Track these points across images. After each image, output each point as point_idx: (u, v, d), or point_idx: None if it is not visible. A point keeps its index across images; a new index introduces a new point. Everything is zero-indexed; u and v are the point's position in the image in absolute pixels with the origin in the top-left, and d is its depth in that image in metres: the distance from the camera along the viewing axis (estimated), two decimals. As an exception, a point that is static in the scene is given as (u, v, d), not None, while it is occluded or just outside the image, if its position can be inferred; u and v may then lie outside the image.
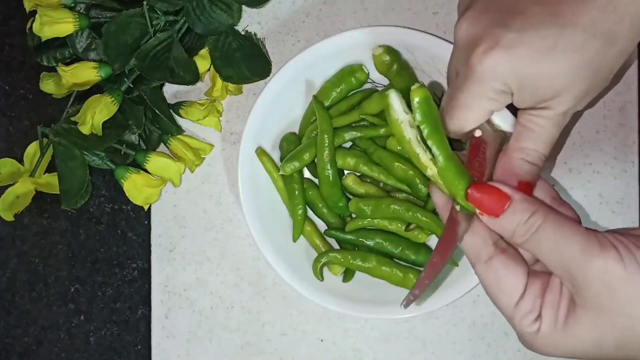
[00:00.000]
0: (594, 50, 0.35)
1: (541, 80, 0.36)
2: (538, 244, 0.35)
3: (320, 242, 0.53)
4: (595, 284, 0.34)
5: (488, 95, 0.37)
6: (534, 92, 0.36)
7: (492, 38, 0.35)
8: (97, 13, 0.53)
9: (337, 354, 0.55)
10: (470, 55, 0.36)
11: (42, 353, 0.58)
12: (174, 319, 0.56)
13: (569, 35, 0.35)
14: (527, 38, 0.35)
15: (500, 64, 0.35)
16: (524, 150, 0.38)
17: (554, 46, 0.35)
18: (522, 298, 0.36)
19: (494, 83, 0.36)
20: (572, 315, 0.35)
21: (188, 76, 0.53)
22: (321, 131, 0.50)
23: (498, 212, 0.36)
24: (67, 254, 0.58)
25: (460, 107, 0.38)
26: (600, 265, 0.33)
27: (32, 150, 0.55)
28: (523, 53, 0.35)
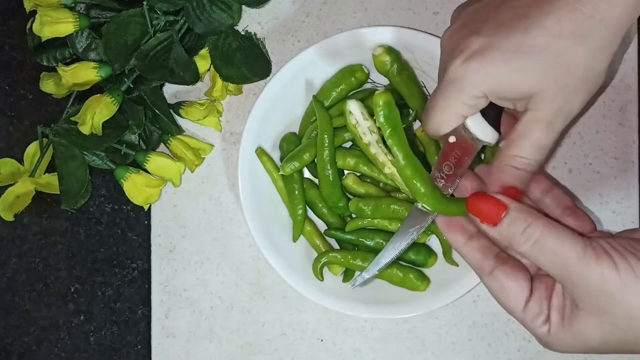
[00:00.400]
0: (561, 48, 0.36)
1: (510, 81, 0.37)
2: (537, 254, 0.37)
3: (320, 242, 0.53)
4: (593, 291, 0.35)
5: (461, 100, 0.39)
6: (506, 93, 0.38)
7: (466, 45, 0.38)
8: (97, 13, 0.53)
9: (337, 354, 0.55)
10: (447, 63, 0.38)
11: (42, 353, 0.58)
12: (174, 319, 0.56)
13: (534, 37, 0.36)
14: (496, 42, 0.37)
15: (471, 68, 0.37)
16: (511, 159, 0.39)
17: (520, 47, 0.36)
18: (529, 301, 0.38)
19: (466, 88, 0.38)
20: (576, 317, 0.37)
21: (188, 76, 0.53)
22: (321, 131, 0.50)
23: (495, 220, 0.38)
24: (67, 254, 0.58)
25: (435, 110, 0.40)
26: (597, 274, 0.35)
27: (32, 150, 0.55)
28: (493, 56, 0.37)
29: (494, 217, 0.38)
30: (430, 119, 0.41)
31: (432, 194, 0.42)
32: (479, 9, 0.39)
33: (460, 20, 0.40)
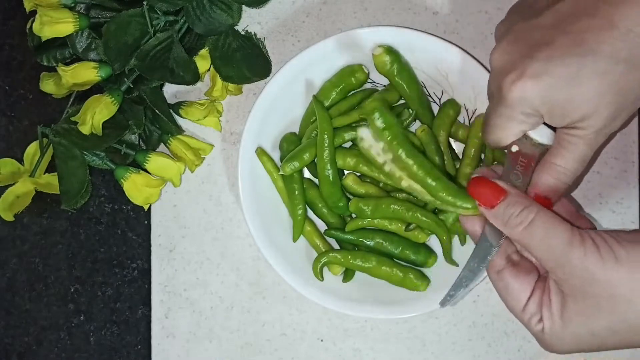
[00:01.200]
0: (616, 75, 0.37)
1: (567, 105, 0.38)
2: (530, 237, 0.39)
3: (320, 242, 0.53)
4: (577, 272, 0.37)
5: (518, 119, 0.40)
6: (562, 116, 0.39)
7: (521, 68, 0.39)
8: (97, 13, 0.53)
9: (337, 354, 0.55)
10: (502, 83, 0.39)
11: (42, 353, 0.58)
12: (174, 319, 0.56)
13: (591, 62, 0.37)
14: (552, 67, 0.38)
15: (528, 91, 0.38)
16: (551, 167, 0.41)
17: (577, 73, 0.37)
18: (527, 303, 0.40)
19: (522, 108, 0.39)
20: (564, 307, 0.39)
21: (188, 76, 0.53)
22: (321, 131, 0.50)
23: (493, 203, 0.41)
24: (67, 254, 0.58)
25: (495, 127, 0.42)
26: (579, 254, 0.37)
27: (32, 150, 0.55)
28: (549, 81, 0.38)
29: (492, 201, 0.41)
30: (490, 135, 0.43)
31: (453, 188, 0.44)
32: (530, 29, 0.40)
33: (510, 38, 0.40)
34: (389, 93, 0.52)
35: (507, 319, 0.54)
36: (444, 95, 0.53)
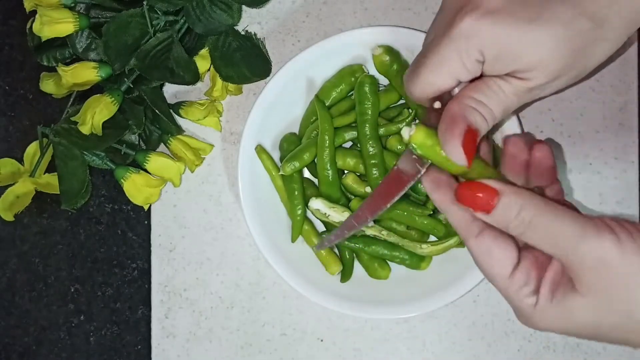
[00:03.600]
0: (579, 27, 0.35)
1: (520, 48, 0.35)
2: (534, 235, 0.35)
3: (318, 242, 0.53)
4: (591, 265, 0.34)
5: (461, 58, 0.36)
6: (507, 62, 0.36)
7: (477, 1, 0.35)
8: (97, 13, 0.53)
9: (337, 354, 0.55)
10: (454, 16, 0.36)
11: (42, 353, 0.58)
12: (174, 319, 0.56)
13: (554, 9, 0.34)
14: (512, 5, 0.35)
15: (481, 26, 0.35)
16: (477, 102, 0.37)
17: (538, 16, 0.34)
18: (516, 269, 0.36)
19: (470, 45, 0.35)
20: (570, 295, 0.35)
21: (188, 76, 0.53)
22: (322, 131, 0.50)
23: (489, 208, 0.36)
24: (67, 254, 0.58)
25: (428, 68, 0.37)
26: (596, 245, 0.33)
27: (32, 150, 0.55)
28: (506, 19, 0.35)
29: (486, 206, 0.36)
30: (420, 77, 0.37)
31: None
32: None
33: None
34: (389, 93, 0.52)
35: (507, 319, 0.54)
36: (444, 95, 0.53)
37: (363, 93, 0.50)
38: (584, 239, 0.34)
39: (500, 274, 0.36)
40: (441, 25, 0.37)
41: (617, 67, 0.54)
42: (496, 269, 0.37)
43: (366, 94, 0.50)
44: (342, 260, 0.53)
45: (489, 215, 0.36)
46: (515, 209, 0.36)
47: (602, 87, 0.54)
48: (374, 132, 0.51)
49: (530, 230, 0.35)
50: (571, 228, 0.34)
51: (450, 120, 0.36)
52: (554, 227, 0.35)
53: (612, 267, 0.33)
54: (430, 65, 0.37)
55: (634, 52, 0.54)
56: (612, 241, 0.33)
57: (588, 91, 0.54)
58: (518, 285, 0.36)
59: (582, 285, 0.34)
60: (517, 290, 0.36)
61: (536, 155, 0.39)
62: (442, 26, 0.37)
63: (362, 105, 0.50)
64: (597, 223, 0.34)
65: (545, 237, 0.35)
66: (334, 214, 0.50)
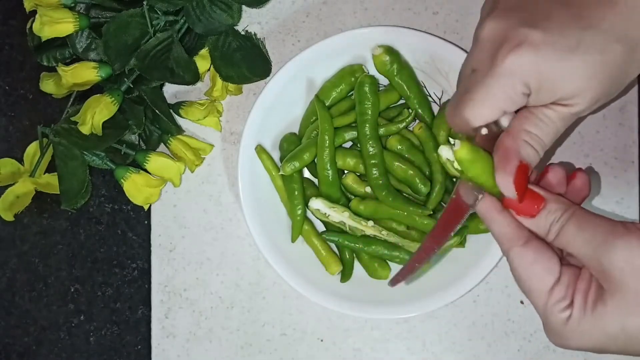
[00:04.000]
0: (614, 53, 0.36)
1: (562, 78, 0.36)
2: (566, 236, 0.37)
3: (318, 242, 0.53)
4: (619, 264, 0.35)
5: (507, 93, 0.37)
6: (553, 91, 0.37)
7: (518, 37, 0.36)
8: (97, 13, 0.53)
9: (337, 354, 0.55)
10: (496, 53, 0.37)
11: (42, 353, 0.58)
12: (174, 319, 0.56)
13: (591, 37, 0.36)
14: (550, 37, 0.36)
15: (525, 61, 0.36)
16: (529, 134, 0.38)
17: (576, 46, 0.36)
18: (557, 284, 0.37)
19: (516, 80, 0.37)
20: (600, 300, 0.36)
21: (188, 76, 0.53)
22: (322, 131, 0.50)
23: (533, 213, 0.38)
24: (67, 254, 0.58)
25: (476, 102, 0.38)
26: (624, 244, 0.35)
27: (32, 150, 0.55)
28: (547, 51, 0.36)
29: (532, 211, 0.38)
30: (467, 110, 0.38)
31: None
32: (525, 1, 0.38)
33: (504, 7, 0.38)
34: (389, 93, 0.52)
35: (507, 319, 0.54)
36: (444, 95, 0.53)
37: (363, 93, 0.50)
38: (613, 239, 0.35)
39: (540, 288, 0.37)
40: (481, 59, 0.38)
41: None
42: (536, 282, 0.37)
43: (366, 94, 0.50)
44: (342, 260, 0.53)
45: (533, 220, 0.38)
46: (558, 215, 0.37)
47: (602, 87, 0.54)
48: (374, 132, 0.51)
49: (565, 233, 0.37)
50: (602, 229, 0.36)
51: (504, 156, 0.38)
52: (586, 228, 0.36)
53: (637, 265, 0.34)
54: (478, 101, 0.38)
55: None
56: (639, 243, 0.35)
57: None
58: (555, 300, 0.37)
59: (611, 284, 0.35)
60: (554, 304, 0.37)
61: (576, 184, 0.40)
62: (484, 61, 0.38)
63: (362, 105, 0.51)
64: (626, 224, 0.36)
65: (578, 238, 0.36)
66: (334, 214, 0.50)
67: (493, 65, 0.37)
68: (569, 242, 0.37)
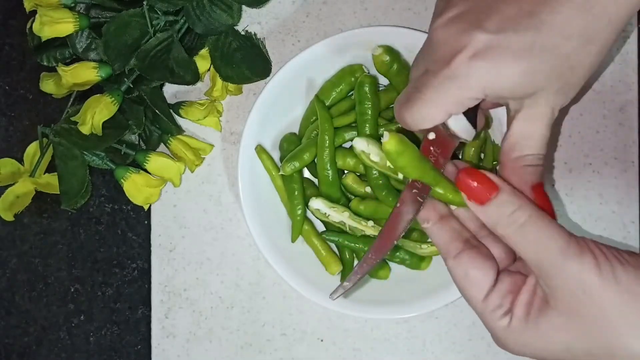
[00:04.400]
0: (570, 49, 0.35)
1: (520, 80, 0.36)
2: (521, 239, 0.35)
3: (318, 242, 0.53)
4: (569, 287, 0.34)
5: (459, 97, 0.37)
6: (510, 93, 0.36)
7: (470, 41, 0.35)
8: (97, 13, 0.53)
9: (337, 354, 0.55)
10: (451, 57, 0.36)
11: (42, 353, 0.58)
12: (174, 319, 0.56)
13: (545, 35, 0.35)
14: (503, 40, 0.35)
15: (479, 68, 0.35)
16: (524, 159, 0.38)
17: (530, 46, 0.35)
18: (491, 292, 0.37)
19: (470, 85, 0.36)
20: (544, 315, 0.35)
21: (188, 76, 0.53)
22: (322, 131, 0.50)
23: (484, 199, 0.36)
24: (67, 254, 0.58)
25: (425, 103, 0.37)
26: (576, 269, 0.34)
27: (32, 150, 0.55)
28: (501, 56, 0.35)
29: (483, 197, 0.36)
30: (414, 112, 0.38)
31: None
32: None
33: (454, 7, 0.37)
34: (389, 93, 0.52)
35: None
36: (444, 95, 0.53)
37: (363, 93, 0.50)
38: (566, 259, 0.34)
39: (476, 296, 0.37)
40: (435, 60, 0.37)
41: (617, 68, 0.54)
42: (472, 290, 0.37)
43: (366, 94, 0.50)
44: (342, 260, 0.53)
45: (483, 207, 0.37)
46: (510, 208, 0.36)
47: (602, 87, 0.54)
48: (374, 132, 0.51)
49: (519, 234, 0.35)
50: (557, 242, 0.34)
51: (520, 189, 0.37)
52: (542, 236, 0.35)
53: (589, 291, 0.33)
54: (427, 101, 0.37)
55: (634, 52, 0.54)
56: (592, 266, 0.33)
57: (588, 91, 0.54)
58: (492, 308, 0.36)
59: (558, 304, 0.34)
60: (491, 312, 0.36)
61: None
62: (437, 62, 0.37)
63: (362, 105, 0.51)
64: (581, 244, 0.34)
65: (531, 245, 0.35)
66: (334, 214, 0.50)
67: (447, 68, 0.36)
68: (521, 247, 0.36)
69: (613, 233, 0.54)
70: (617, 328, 0.33)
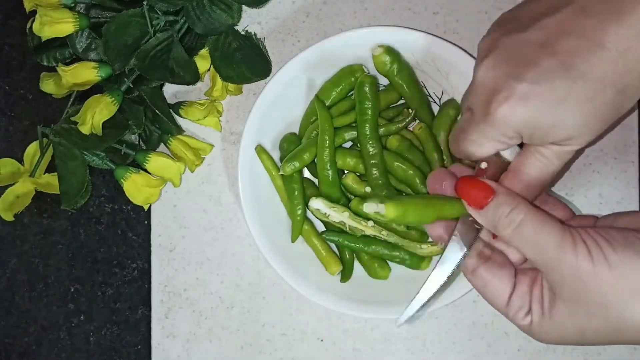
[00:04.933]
0: (604, 100, 0.37)
1: (551, 128, 0.38)
2: (520, 238, 0.39)
3: (318, 242, 0.53)
4: (568, 278, 0.37)
5: (499, 139, 0.39)
6: (543, 138, 0.39)
7: (508, 88, 0.38)
8: (97, 13, 0.53)
9: (337, 354, 0.55)
10: (489, 102, 0.38)
11: (42, 353, 0.58)
12: (174, 319, 0.56)
13: (580, 88, 0.36)
14: (540, 90, 0.37)
15: (515, 114, 0.38)
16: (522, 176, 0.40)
17: (566, 97, 0.37)
18: (512, 297, 0.40)
19: (506, 130, 0.39)
20: (554, 305, 0.38)
21: (188, 76, 0.53)
22: (322, 131, 0.50)
23: (482, 203, 0.40)
24: (67, 254, 0.58)
25: (472, 143, 0.41)
26: (572, 260, 0.37)
27: (32, 150, 0.55)
28: (536, 104, 0.37)
29: (481, 201, 0.40)
30: (464, 148, 0.41)
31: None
32: (516, 45, 0.38)
33: (496, 53, 0.39)
34: (389, 93, 0.52)
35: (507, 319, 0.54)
36: (444, 95, 0.53)
37: (363, 93, 0.50)
38: (562, 252, 0.37)
39: (498, 303, 0.41)
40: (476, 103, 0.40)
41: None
42: (494, 299, 0.41)
43: (366, 94, 0.50)
44: (342, 260, 0.53)
45: (482, 211, 0.40)
46: (506, 209, 0.39)
47: (602, 87, 0.54)
48: (374, 132, 0.51)
49: (517, 233, 0.39)
50: (553, 238, 0.37)
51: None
52: (538, 233, 0.38)
53: (585, 279, 0.36)
54: (474, 142, 0.41)
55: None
56: (585, 256, 0.36)
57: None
58: (515, 310, 0.40)
59: (562, 293, 0.38)
60: (514, 314, 0.40)
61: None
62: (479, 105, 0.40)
63: (362, 105, 0.51)
64: (574, 236, 0.37)
65: (529, 242, 0.38)
66: (334, 214, 0.50)
67: (486, 113, 0.39)
68: (521, 246, 0.39)
69: (613, 233, 0.54)
70: (616, 306, 0.36)
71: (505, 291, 0.40)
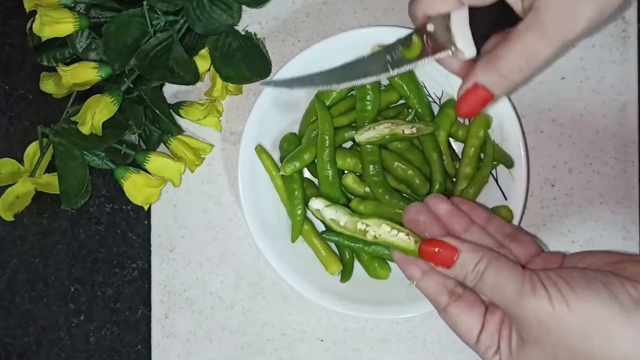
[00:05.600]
0: None
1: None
2: (483, 285, 0.39)
3: (318, 242, 0.53)
4: (530, 321, 0.37)
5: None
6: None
7: None
8: (97, 13, 0.53)
9: (337, 354, 0.55)
10: None
11: (42, 353, 0.58)
12: (174, 319, 0.56)
13: None
14: None
15: None
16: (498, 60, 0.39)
17: None
18: (481, 335, 0.40)
19: None
20: (521, 347, 0.38)
21: (188, 76, 0.53)
22: (322, 131, 0.50)
23: (449, 264, 0.40)
24: (67, 254, 0.58)
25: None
26: (532, 305, 0.36)
27: (32, 150, 0.55)
28: None
29: (447, 262, 0.40)
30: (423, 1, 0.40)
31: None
32: None
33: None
34: (389, 93, 0.52)
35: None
36: (444, 95, 0.53)
37: (364, 90, 0.50)
38: (523, 299, 0.37)
39: (467, 340, 0.41)
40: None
41: (617, 68, 0.54)
42: (464, 337, 0.41)
43: (367, 91, 0.50)
44: (342, 260, 0.53)
45: (450, 270, 0.40)
46: (471, 265, 0.39)
47: (602, 87, 0.54)
48: None
49: (480, 282, 0.39)
50: (513, 284, 0.37)
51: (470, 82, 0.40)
52: (499, 280, 0.38)
53: (546, 322, 0.36)
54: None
55: (634, 52, 0.54)
56: (546, 301, 0.36)
57: (588, 91, 0.54)
58: (484, 348, 0.40)
59: (528, 337, 0.38)
60: (484, 352, 0.40)
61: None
62: None
63: (363, 102, 0.51)
64: (534, 280, 0.37)
65: (491, 289, 0.38)
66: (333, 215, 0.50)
67: None
68: (485, 292, 0.39)
69: (613, 233, 0.54)
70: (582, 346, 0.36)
71: (475, 329, 0.40)
